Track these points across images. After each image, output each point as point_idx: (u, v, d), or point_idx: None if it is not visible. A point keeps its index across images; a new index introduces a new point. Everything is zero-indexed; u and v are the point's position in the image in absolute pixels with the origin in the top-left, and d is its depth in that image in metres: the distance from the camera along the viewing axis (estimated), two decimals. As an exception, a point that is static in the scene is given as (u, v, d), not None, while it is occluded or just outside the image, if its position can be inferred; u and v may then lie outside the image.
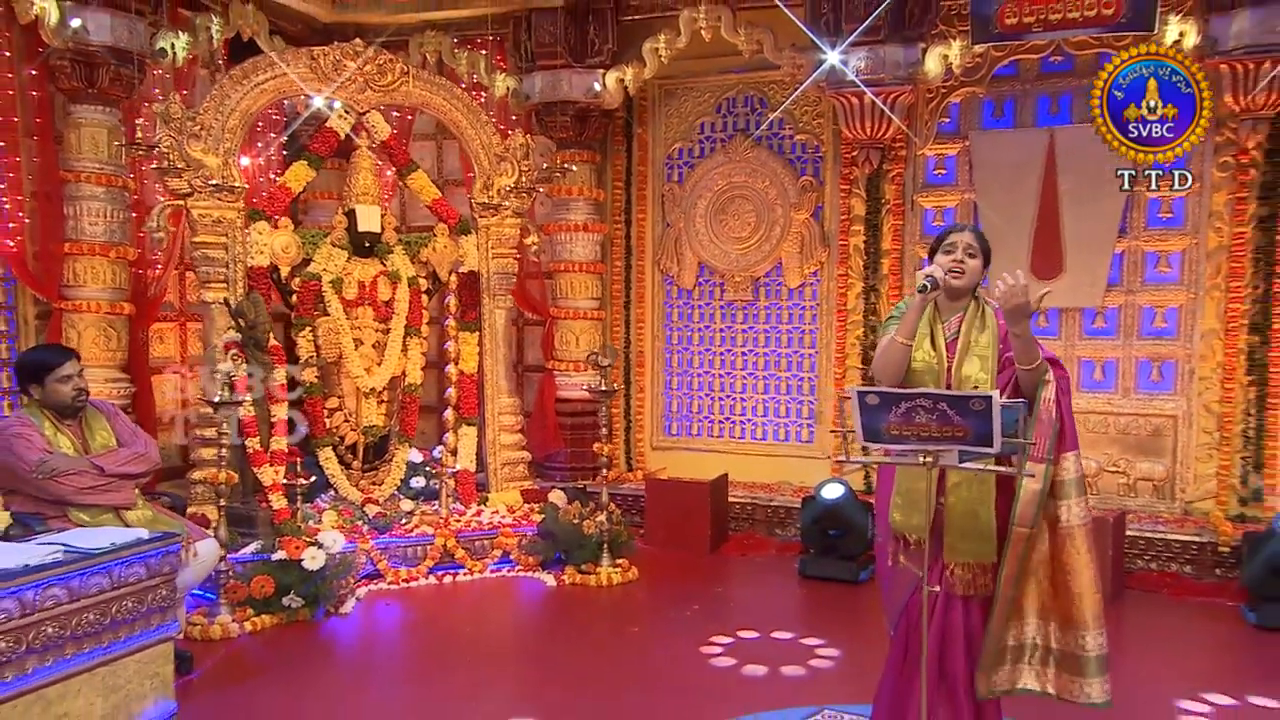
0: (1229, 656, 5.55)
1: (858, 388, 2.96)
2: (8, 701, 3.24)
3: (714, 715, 4.31)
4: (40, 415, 4.41)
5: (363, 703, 4.65)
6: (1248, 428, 6.66)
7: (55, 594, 3.40)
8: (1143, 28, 6.46)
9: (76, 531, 4.03)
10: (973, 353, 3.21)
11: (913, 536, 3.19)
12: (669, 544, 6.99)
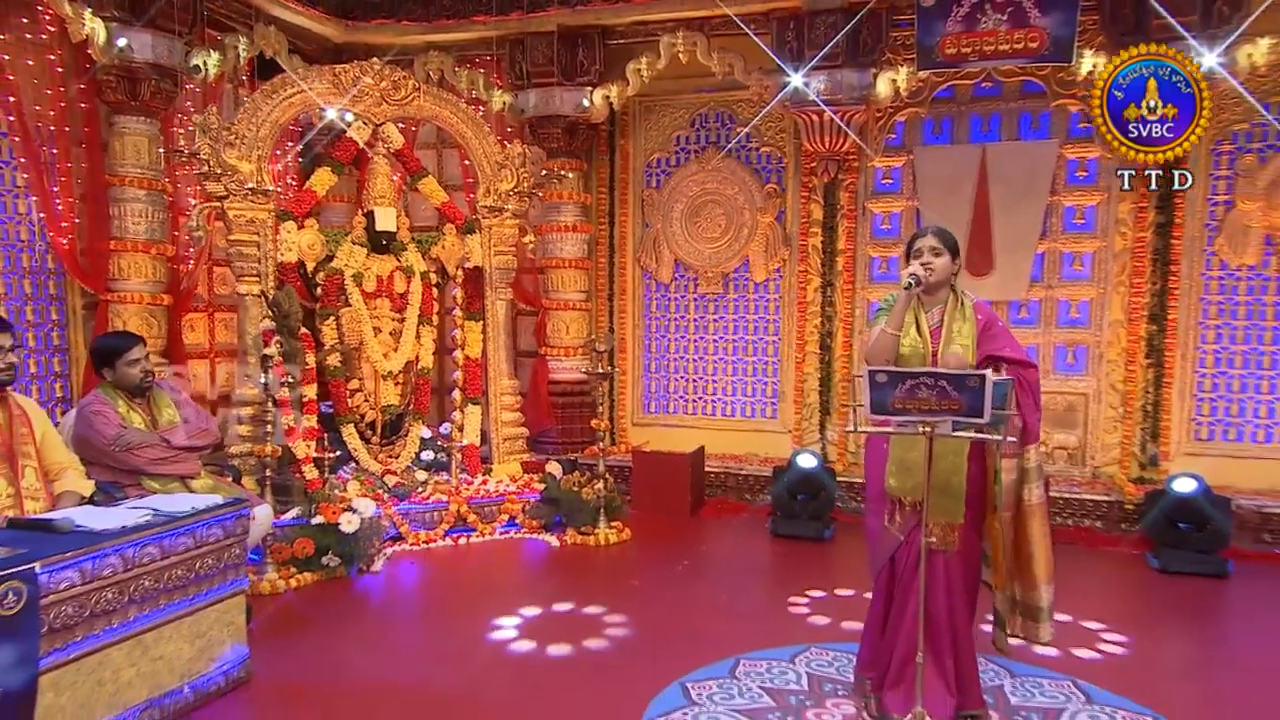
0: (1137, 595, 5.73)
1: (870, 368, 3.10)
2: (116, 645, 3.38)
3: (715, 655, 4.35)
4: (114, 395, 4.49)
5: (396, 644, 4.75)
6: (1146, 403, 6.91)
7: (150, 552, 3.55)
8: (1061, 60, 6.50)
9: (159, 498, 4.14)
10: (955, 341, 3.39)
11: (908, 499, 3.40)
12: (654, 508, 7.02)
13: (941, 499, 3.29)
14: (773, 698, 3.81)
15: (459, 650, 4.60)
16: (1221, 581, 5.71)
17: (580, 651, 4.49)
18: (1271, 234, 6.62)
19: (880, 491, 3.49)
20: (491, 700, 4.00)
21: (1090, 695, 3.86)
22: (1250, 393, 6.84)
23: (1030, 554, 3.46)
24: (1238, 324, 6.82)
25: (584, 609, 5.06)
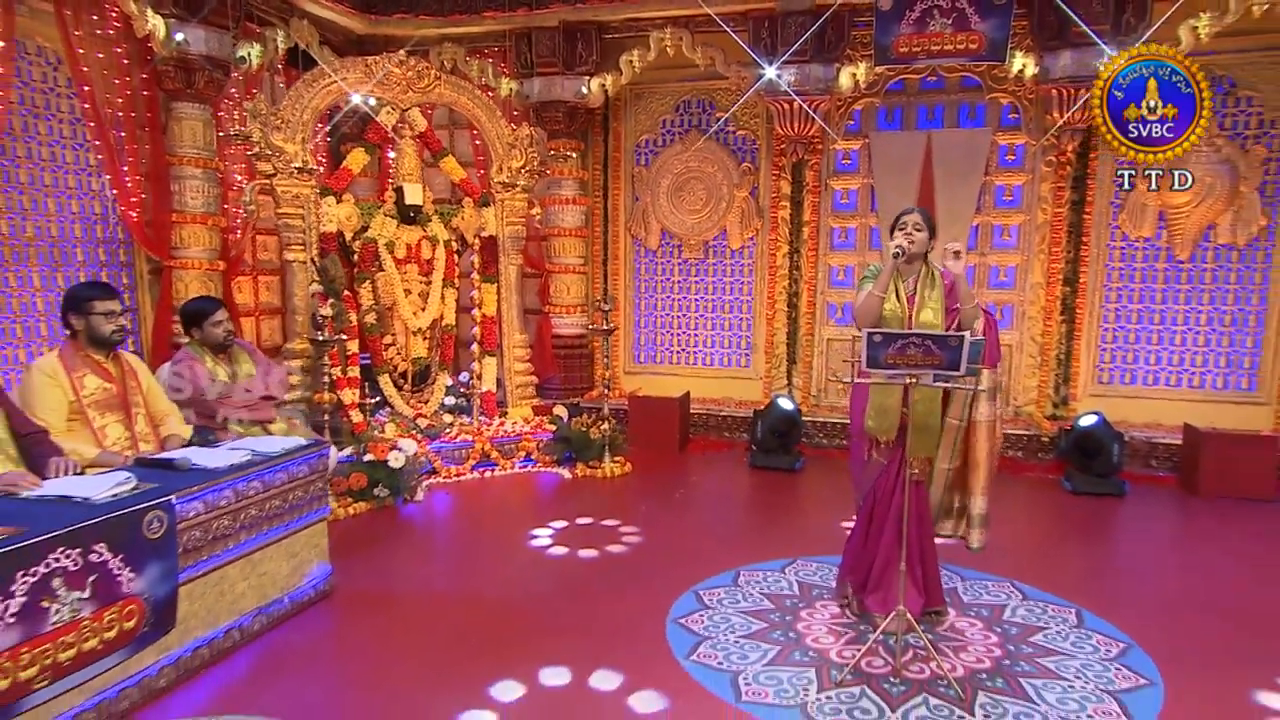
0: (1055, 512, 5.88)
1: (868, 329, 3.22)
2: (232, 563, 3.60)
3: (719, 568, 4.47)
4: (201, 351, 4.59)
5: (448, 558, 5.03)
6: (1059, 353, 7.14)
7: (255, 485, 3.74)
8: (996, 59, 6.50)
9: (251, 440, 4.27)
10: (927, 304, 3.55)
11: (883, 438, 3.58)
12: (647, 445, 7.09)
13: (920, 436, 3.47)
14: (771, 601, 4.04)
15: (503, 558, 4.81)
16: (1119, 499, 6.02)
17: (605, 555, 4.73)
18: (1165, 211, 6.81)
19: (861, 429, 3.66)
20: (537, 599, 4.18)
21: (1025, 593, 4.16)
22: (1143, 344, 7.09)
23: (975, 462, 3.58)
24: (1134, 287, 7.04)
25: (602, 521, 5.29)
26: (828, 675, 3.31)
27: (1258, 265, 6.69)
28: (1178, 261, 6.88)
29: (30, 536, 2.65)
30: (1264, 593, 4.35)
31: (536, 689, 3.21)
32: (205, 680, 3.32)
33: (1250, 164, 6.57)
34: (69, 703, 2.81)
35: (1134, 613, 3.98)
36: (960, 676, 3.29)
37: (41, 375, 3.72)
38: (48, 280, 5.50)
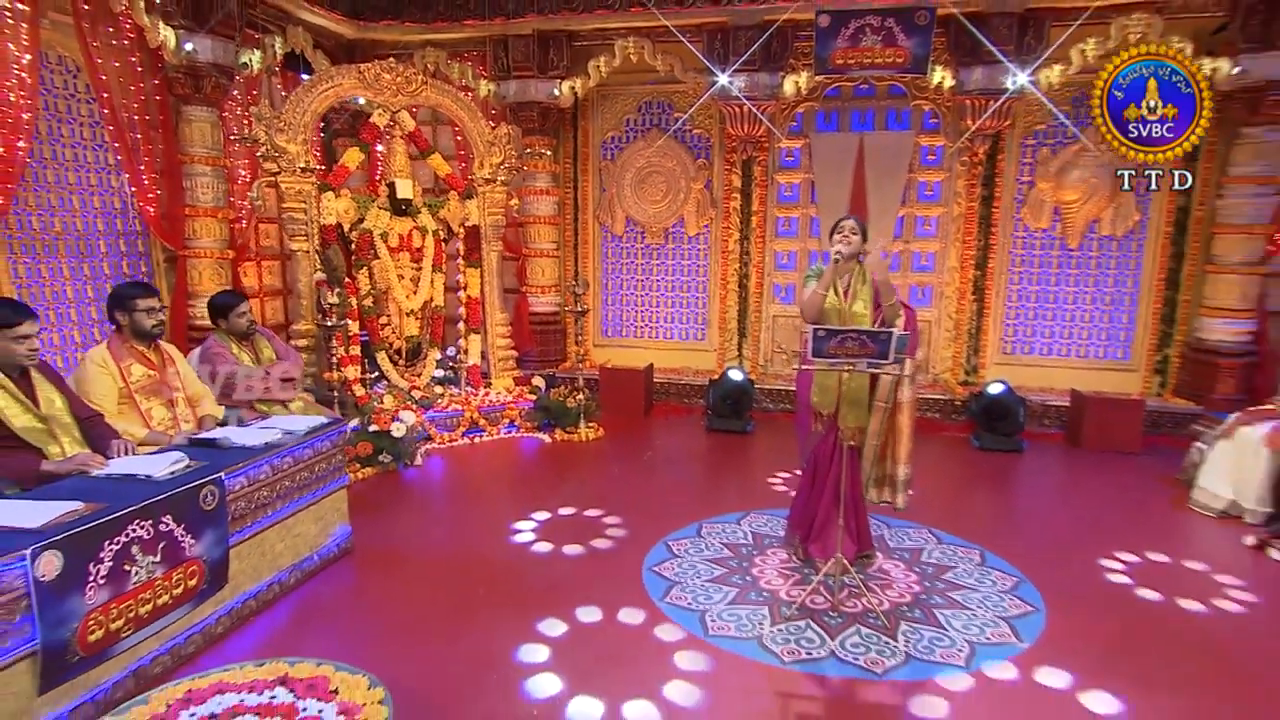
0: (965, 466, 6.14)
1: (814, 326, 3.43)
2: (271, 528, 3.77)
3: (684, 521, 4.67)
4: (227, 339, 4.74)
5: (441, 515, 5.09)
6: (971, 328, 7.43)
7: (287, 460, 3.90)
8: (919, 72, 6.55)
9: (279, 418, 4.38)
10: (859, 298, 3.79)
11: (825, 410, 3.82)
12: (616, 412, 7.19)
13: (852, 409, 3.75)
14: (730, 549, 4.30)
15: (498, 517, 4.85)
16: (1019, 455, 6.34)
17: (583, 517, 4.80)
18: (1059, 206, 7.09)
19: (807, 403, 3.90)
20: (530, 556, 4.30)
21: (939, 538, 4.49)
22: (1039, 320, 7.40)
23: (898, 437, 3.78)
24: (1033, 271, 7.33)
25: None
26: (778, 611, 3.60)
27: (1132, 254, 7.07)
28: (1068, 250, 7.20)
29: (112, 511, 2.86)
30: (1130, 528, 4.73)
31: (534, 634, 3.43)
32: (254, 627, 3.53)
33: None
34: (148, 648, 3.04)
35: (1025, 551, 4.32)
36: (886, 609, 3.61)
37: (94, 365, 3.87)
38: (75, 270, 5.51)
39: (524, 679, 3.08)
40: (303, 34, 6.83)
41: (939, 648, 3.33)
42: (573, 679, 3.07)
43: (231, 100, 6.48)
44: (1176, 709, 2.96)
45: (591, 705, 2.91)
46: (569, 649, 3.30)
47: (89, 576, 2.75)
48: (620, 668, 3.16)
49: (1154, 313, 7.07)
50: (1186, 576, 4.12)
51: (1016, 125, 7.03)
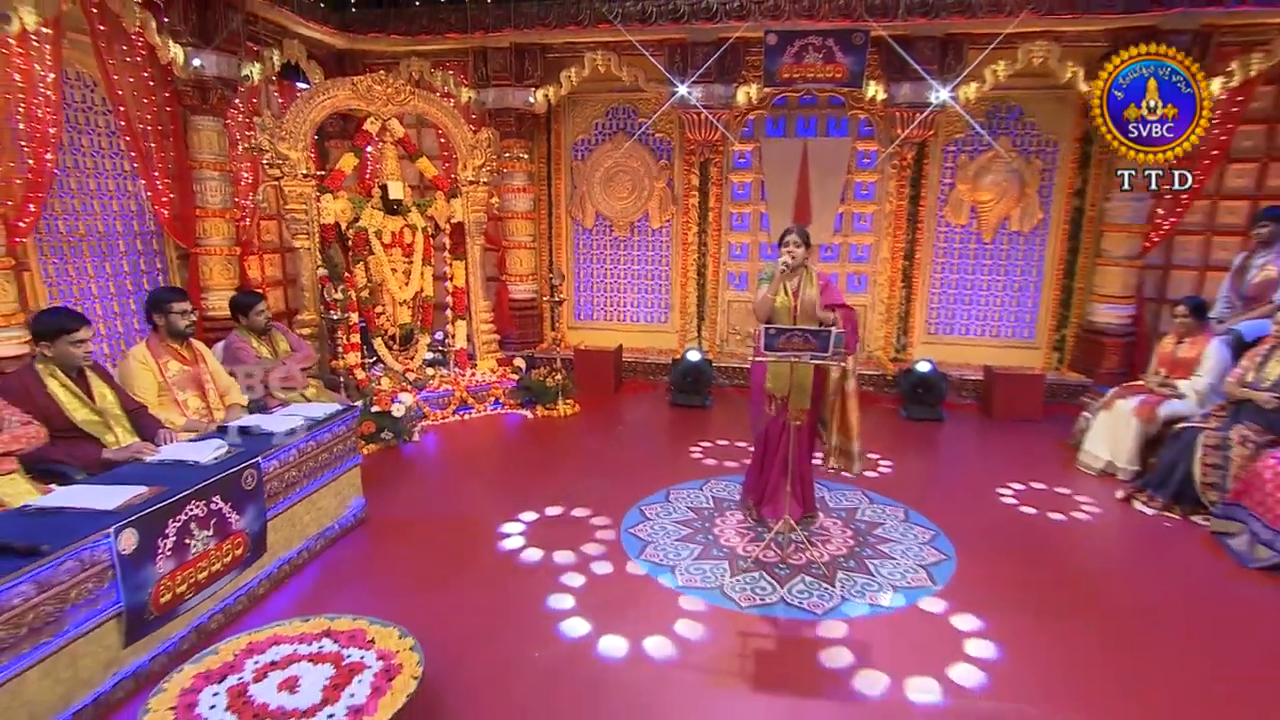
0: (895, 434, 6.41)
1: (766, 325, 3.70)
2: (299, 503, 3.99)
3: (655, 487, 4.94)
4: (247, 334, 4.91)
5: (440, 485, 5.23)
6: (900, 311, 7.74)
7: (311, 444, 4.12)
8: (855, 86, 6.79)
9: (298, 405, 4.55)
10: (808, 299, 4.06)
11: (779, 395, 4.08)
12: (590, 389, 7.29)
13: (798, 395, 4.02)
14: (694, 512, 4.59)
15: (489, 487, 5.12)
16: (940, 423, 6.71)
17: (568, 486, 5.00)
18: (975, 205, 7.44)
19: (761, 387, 4.18)
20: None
21: (871, 499, 4.84)
22: (959, 304, 7.76)
23: (848, 420, 4.13)
24: (954, 261, 7.68)
25: (567, 483, 5.58)
26: (736, 565, 3.93)
27: (1036, 247, 7.48)
28: (983, 243, 7.57)
29: (173, 494, 3.11)
30: (1029, 481, 5.17)
31: (545, 585, 3.76)
32: (289, 588, 3.76)
33: (1032, 172, 7.27)
34: (205, 608, 3.30)
35: (942, 508, 4.71)
36: (826, 561, 3.96)
37: (136, 362, 4.06)
38: (98, 268, 5.60)
39: (529, 625, 3.42)
40: (298, 46, 6.87)
41: (869, 591, 3.71)
42: (595, 618, 3.41)
43: (234, 109, 6.50)
44: (1039, 631, 3.41)
45: (605, 644, 3.26)
46: (587, 594, 3.63)
47: (158, 549, 3.01)
48: (618, 613, 3.51)
49: (1054, 298, 7.50)
50: (1068, 522, 4.61)
51: (939, 134, 7.33)
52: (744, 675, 3.09)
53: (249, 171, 6.76)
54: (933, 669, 3.10)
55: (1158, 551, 4.30)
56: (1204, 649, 3.31)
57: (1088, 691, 2.99)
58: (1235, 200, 6.99)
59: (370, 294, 6.65)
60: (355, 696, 2.61)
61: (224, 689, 2.63)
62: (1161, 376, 5.35)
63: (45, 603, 2.53)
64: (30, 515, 2.84)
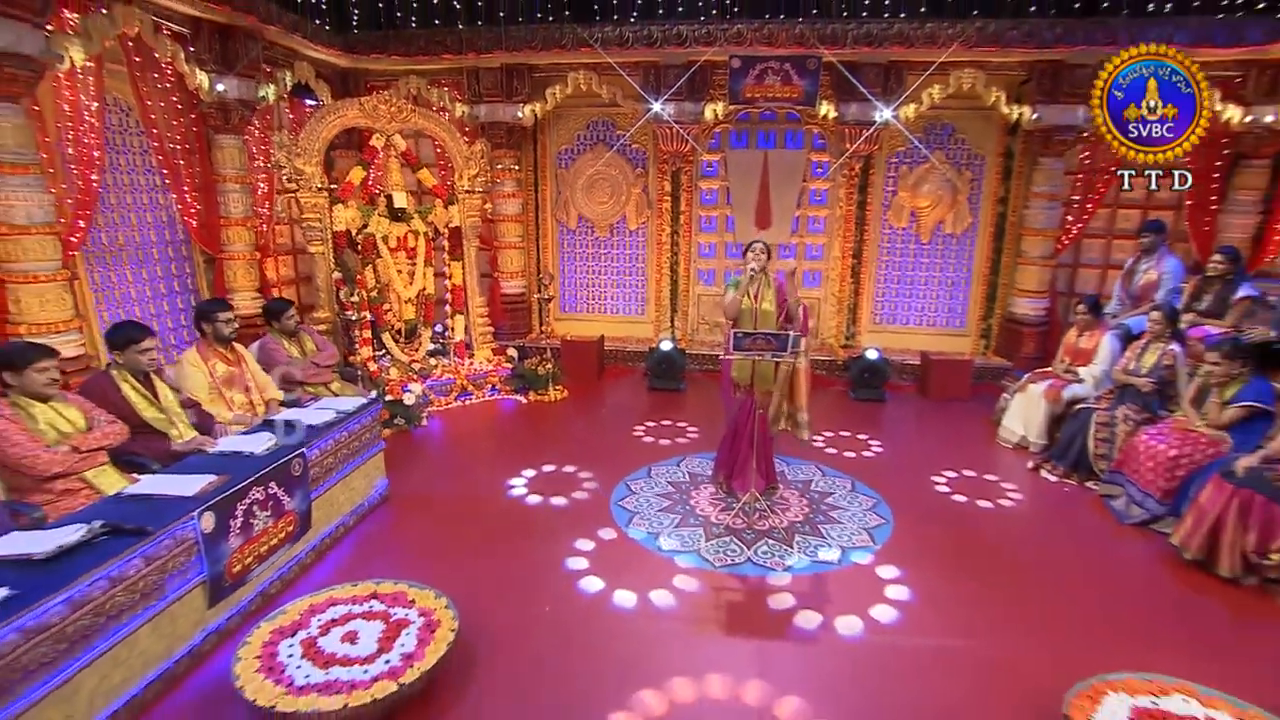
0: (843, 413, 6.75)
1: (734, 330, 4.02)
2: (337, 485, 4.30)
3: (638, 464, 5.29)
4: (280, 337, 5.16)
5: (450, 464, 5.49)
6: (850, 303, 8.12)
7: (344, 434, 4.42)
8: (809, 105, 7.11)
9: (329, 400, 4.85)
10: (765, 299, 4.36)
11: (743, 384, 4.44)
12: (576, 375, 7.54)
13: (761, 384, 4.41)
14: (673, 486, 4.96)
15: (493, 466, 5.37)
16: (883, 404, 7.11)
17: (561, 465, 5.37)
18: (914, 210, 7.84)
19: (729, 379, 4.54)
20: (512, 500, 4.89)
21: (824, 472, 5.24)
22: (900, 297, 8.17)
23: (798, 388, 4.45)
24: (896, 260, 8.07)
25: (561, 464, 5.86)
26: (710, 530, 4.33)
27: (966, 248, 7.92)
28: (921, 244, 7.98)
29: (238, 481, 3.44)
30: (955, 457, 5.64)
31: (548, 552, 4.12)
32: (330, 558, 4.10)
33: (962, 182, 7.70)
34: (266, 575, 3.64)
35: (883, 478, 5.17)
36: (785, 526, 4.38)
37: (189, 365, 4.36)
38: (136, 274, 5.81)
39: (537, 584, 3.83)
40: (307, 67, 7.01)
41: (822, 551, 4.16)
42: (607, 576, 3.83)
43: (251, 126, 6.65)
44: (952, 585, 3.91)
45: (602, 601, 3.69)
46: (599, 557, 4.06)
47: (230, 528, 3.36)
48: (621, 573, 3.93)
49: (981, 292, 7.97)
50: (985, 486, 5.12)
51: (883, 147, 7.67)
52: (718, 623, 3.54)
53: (264, 182, 6.93)
54: (872, 613, 3.57)
55: (1057, 511, 4.83)
56: (1088, 590, 3.84)
57: (986, 625, 3.49)
58: (1130, 209, 7.56)
59: (379, 293, 6.87)
60: (405, 646, 3.01)
61: (297, 641, 3.02)
62: (1066, 364, 5.89)
63: (151, 573, 2.88)
64: (126, 501, 3.17)
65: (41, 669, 2.39)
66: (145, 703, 2.84)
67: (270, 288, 7.11)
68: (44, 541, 2.66)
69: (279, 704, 2.66)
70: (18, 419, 3.15)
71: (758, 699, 2.97)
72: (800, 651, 3.31)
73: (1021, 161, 7.41)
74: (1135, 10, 6.74)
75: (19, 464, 3.10)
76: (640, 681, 3.05)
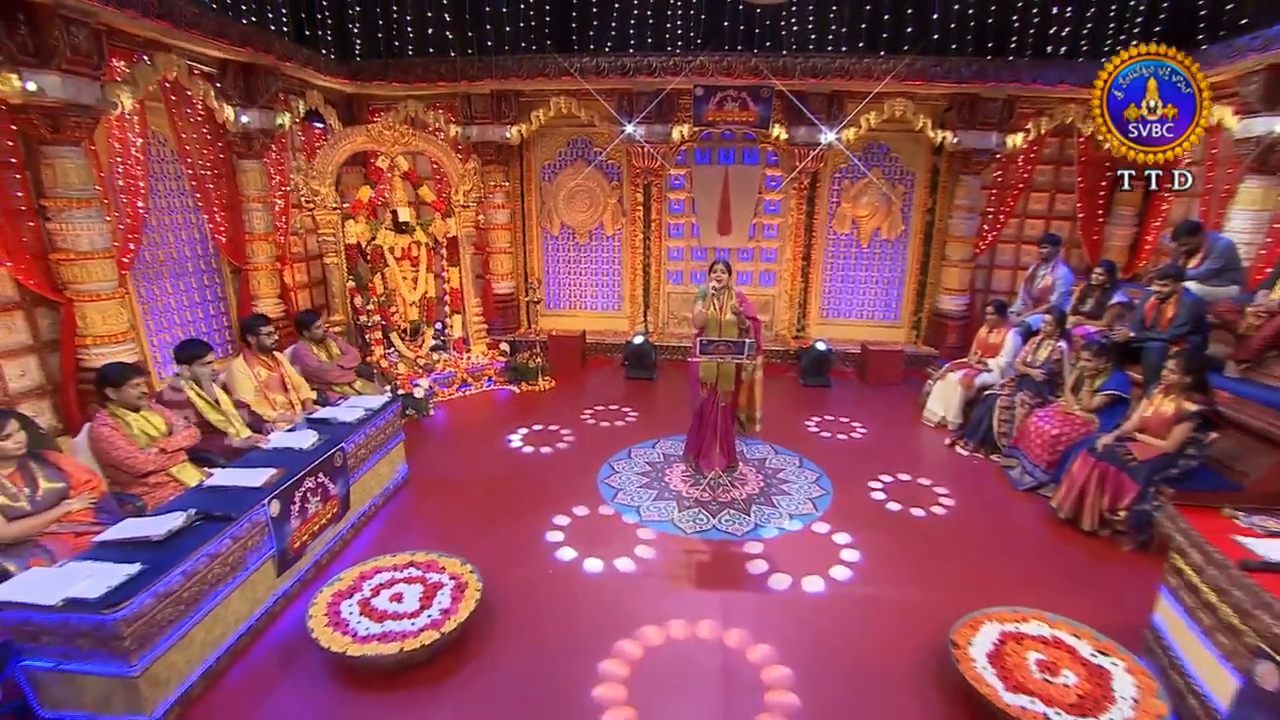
0: (794, 397, 7.24)
1: (700, 338, 4.47)
2: (367, 473, 4.70)
3: (620, 446, 5.71)
4: (309, 343, 5.54)
5: (458, 449, 5.84)
6: (800, 300, 8.57)
7: (372, 429, 4.82)
8: (764, 128, 7.51)
9: (355, 398, 5.23)
10: (728, 310, 4.76)
11: (709, 382, 4.87)
12: (562, 366, 7.97)
13: (724, 381, 4.86)
14: (650, 465, 5.44)
15: (495, 451, 5.79)
16: (829, 388, 7.64)
17: (556, 450, 5.80)
18: (855, 219, 8.33)
19: (696, 377, 4.97)
20: (521, 476, 5.31)
21: (777, 450, 5.76)
22: (844, 294, 8.67)
23: (754, 396, 4.99)
24: (840, 261, 8.56)
25: (549, 426, 6.32)
26: (682, 503, 4.86)
27: (900, 251, 8.48)
28: (861, 248, 8.51)
29: (295, 473, 3.90)
30: (885, 434, 6.27)
31: (535, 528, 4.61)
32: (365, 534, 4.54)
33: (896, 195, 8.23)
34: (317, 549, 4.10)
35: (827, 453, 5.72)
36: (744, 499, 4.92)
37: (239, 372, 4.78)
38: (175, 286, 6.12)
39: (542, 550, 4.36)
40: (317, 95, 7.30)
41: (773, 518, 4.74)
42: (581, 549, 4.38)
43: (269, 150, 6.92)
44: (883, 543, 4.54)
45: (594, 562, 4.24)
46: (575, 531, 4.59)
47: (291, 511, 3.83)
48: (600, 543, 4.48)
49: (912, 290, 8.56)
50: (911, 461, 5.74)
51: (828, 164, 8.16)
52: (689, 579, 4.11)
53: (281, 199, 7.23)
54: (818, 569, 4.18)
55: (967, 480, 5.47)
56: (986, 544, 4.49)
57: (905, 575, 4.12)
58: (1035, 219, 8.24)
59: (387, 298, 7.27)
60: (442, 603, 3.53)
61: (354, 601, 3.53)
62: (978, 356, 6.55)
63: (236, 550, 3.36)
64: (207, 492, 3.63)
65: (169, 625, 2.87)
66: (238, 651, 3.33)
67: (289, 292, 7.41)
68: (157, 526, 3.13)
69: (348, 650, 3.18)
70: (118, 427, 3.58)
71: (714, 632, 3.55)
72: (755, 599, 3.91)
73: (945, 178, 8.01)
74: (1036, 54, 7.34)
75: (121, 464, 3.53)
76: (634, 624, 3.61)
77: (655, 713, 3.02)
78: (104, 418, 3.54)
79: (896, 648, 3.47)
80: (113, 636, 2.64)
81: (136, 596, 2.71)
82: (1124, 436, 4.54)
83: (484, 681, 3.23)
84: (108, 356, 4.97)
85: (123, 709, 2.74)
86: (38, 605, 2.61)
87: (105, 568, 2.83)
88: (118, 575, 2.77)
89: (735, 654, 3.42)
